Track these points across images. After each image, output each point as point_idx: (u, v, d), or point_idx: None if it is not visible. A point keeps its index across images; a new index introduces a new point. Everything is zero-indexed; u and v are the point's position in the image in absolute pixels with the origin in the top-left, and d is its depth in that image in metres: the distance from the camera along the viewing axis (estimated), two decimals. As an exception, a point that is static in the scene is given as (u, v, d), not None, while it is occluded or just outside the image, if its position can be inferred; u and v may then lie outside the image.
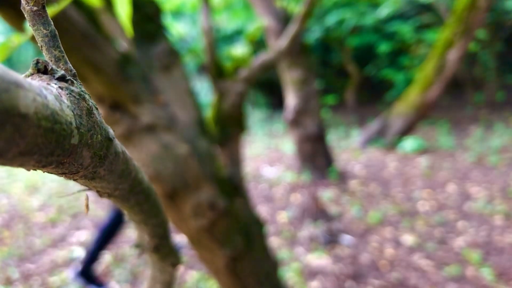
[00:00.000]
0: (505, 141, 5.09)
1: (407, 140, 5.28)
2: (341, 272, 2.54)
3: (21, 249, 3.13)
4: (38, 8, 0.26)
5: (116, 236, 2.72)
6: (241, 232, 1.51)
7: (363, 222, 3.25)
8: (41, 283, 2.65)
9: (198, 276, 2.61)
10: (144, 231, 0.49)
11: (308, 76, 4.33)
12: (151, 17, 1.48)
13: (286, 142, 6.23)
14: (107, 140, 0.28)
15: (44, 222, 3.67)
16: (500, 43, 7.18)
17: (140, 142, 1.30)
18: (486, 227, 2.99)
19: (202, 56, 4.36)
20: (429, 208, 3.44)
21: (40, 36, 0.27)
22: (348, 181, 4.26)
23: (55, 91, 0.23)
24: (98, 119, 0.27)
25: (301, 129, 4.38)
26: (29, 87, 0.20)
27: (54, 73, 0.26)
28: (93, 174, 0.28)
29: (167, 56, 1.45)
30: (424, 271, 2.50)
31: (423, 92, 5.03)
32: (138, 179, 0.36)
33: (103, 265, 2.84)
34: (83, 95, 0.26)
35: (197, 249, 1.52)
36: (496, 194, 3.55)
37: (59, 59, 0.28)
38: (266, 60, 1.88)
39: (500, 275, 2.37)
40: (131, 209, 0.40)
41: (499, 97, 7.32)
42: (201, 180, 1.38)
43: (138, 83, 1.26)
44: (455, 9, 4.76)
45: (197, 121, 1.46)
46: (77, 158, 0.24)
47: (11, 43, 0.48)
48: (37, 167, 0.23)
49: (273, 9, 4.11)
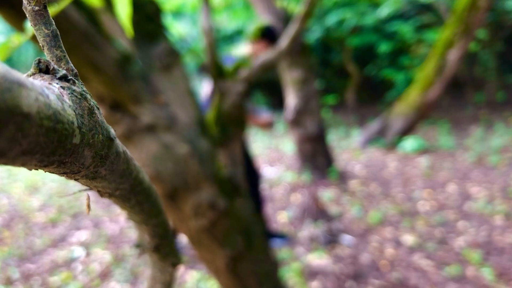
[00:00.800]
0: (506, 141, 5.09)
1: (407, 140, 5.28)
2: (341, 272, 2.54)
3: (21, 249, 3.13)
4: (39, 8, 0.26)
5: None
6: (242, 232, 1.51)
7: (363, 222, 3.25)
8: (41, 283, 2.65)
9: (198, 276, 2.61)
10: (144, 231, 0.49)
11: (308, 76, 4.33)
12: (151, 17, 1.48)
13: (286, 142, 6.23)
14: (109, 140, 0.28)
15: (45, 222, 3.67)
16: (500, 43, 7.18)
17: (140, 142, 1.30)
18: (487, 227, 2.99)
19: (202, 56, 4.35)
20: (429, 208, 3.44)
21: (41, 35, 0.27)
22: (348, 181, 4.26)
23: (57, 91, 0.24)
24: (99, 119, 0.27)
25: (301, 129, 4.38)
26: (32, 86, 0.20)
27: (56, 72, 0.26)
28: (94, 174, 0.28)
29: (167, 56, 1.45)
30: (424, 271, 2.50)
31: (424, 92, 5.03)
32: (139, 179, 0.36)
33: (103, 265, 2.84)
34: (84, 94, 0.26)
35: (197, 249, 1.53)
36: (496, 194, 3.55)
37: (60, 59, 0.28)
38: (267, 60, 1.88)
39: (501, 275, 2.37)
40: (132, 209, 0.40)
41: (499, 97, 7.32)
42: (201, 180, 1.38)
43: (139, 83, 1.26)
44: (455, 9, 4.76)
45: (197, 121, 1.47)
46: (79, 158, 0.24)
47: (12, 43, 0.48)
48: (39, 167, 0.23)
49: (273, 9, 4.11)
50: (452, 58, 4.73)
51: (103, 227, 3.50)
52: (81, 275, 2.73)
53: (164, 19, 1.60)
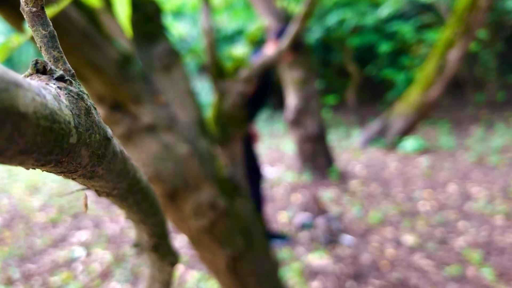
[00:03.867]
0: (506, 141, 5.09)
1: (407, 140, 5.28)
2: (341, 272, 2.54)
3: (22, 249, 3.14)
4: (37, 9, 0.27)
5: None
6: (242, 232, 1.51)
7: (363, 222, 3.25)
8: (42, 283, 2.65)
9: (198, 276, 2.61)
10: (142, 230, 0.49)
11: (308, 76, 4.34)
12: (151, 17, 1.48)
13: (286, 142, 6.23)
14: (105, 139, 0.28)
15: (45, 222, 3.68)
16: (501, 43, 7.17)
17: (140, 142, 1.30)
18: (487, 227, 2.99)
19: (203, 56, 4.36)
20: (429, 208, 3.44)
21: (39, 37, 0.27)
22: (348, 181, 4.26)
23: (54, 91, 0.24)
24: (96, 119, 0.27)
25: (301, 129, 4.39)
26: (28, 87, 0.20)
27: (53, 73, 0.26)
28: (91, 173, 0.28)
29: (167, 56, 1.46)
30: (424, 271, 2.50)
31: (424, 92, 5.03)
32: (137, 178, 0.37)
33: (103, 265, 2.85)
34: (81, 95, 0.26)
35: (198, 249, 1.53)
36: (497, 194, 3.55)
37: (57, 60, 0.28)
38: (267, 60, 1.88)
39: (501, 275, 2.37)
40: (130, 208, 0.41)
41: (500, 97, 7.31)
42: (201, 180, 1.38)
43: (139, 83, 1.26)
44: (456, 9, 4.76)
45: (197, 121, 1.47)
46: (76, 157, 0.25)
47: (11, 44, 0.49)
48: (36, 166, 0.23)
49: (273, 9, 4.11)
50: (452, 58, 4.73)
51: (103, 227, 3.50)
52: (81, 275, 2.74)
53: (164, 19, 1.60)
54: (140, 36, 1.41)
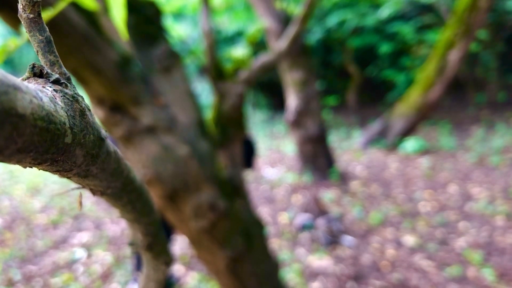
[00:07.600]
0: (507, 142, 5.09)
1: (408, 141, 5.28)
2: (342, 273, 2.55)
3: (23, 250, 3.15)
4: (34, 16, 0.28)
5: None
6: (242, 233, 1.52)
7: (364, 223, 3.26)
8: (43, 284, 2.67)
9: (199, 277, 2.62)
10: (137, 230, 0.50)
11: (309, 77, 4.35)
12: (151, 19, 1.49)
13: (287, 143, 6.24)
14: (99, 139, 0.29)
15: (46, 224, 3.69)
16: (501, 43, 7.18)
17: (140, 143, 1.31)
18: (488, 228, 2.99)
19: (203, 58, 4.37)
20: (430, 209, 3.44)
21: (36, 41, 0.29)
22: (349, 182, 4.26)
23: (50, 94, 0.25)
24: (90, 120, 0.28)
25: (302, 130, 4.39)
26: (26, 89, 0.21)
27: (49, 76, 0.27)
28: (86, 172, 0.29)
29: (167, 58, 1.47)
30: (425, 272, 2.50)
31: (424, 92, 5.03)
32: (130, 177, 0.38)
33: (104, 266, 2.85)
34: (76, 97, 0.27)
35: (198, 250, 1.53)
36: (497, 194, 3.55)
37: (54, 63, 0.29)
38: (267, 61, 1.89)
39: (501, 276, 2.37)
40: (124, 207, 0.41)
41: (500, 98, 7.31)
42: (201, 181, 1.39)
43: (138, 85, 1.27)
44: (456, 9, 4.76)
45: (197, 122, 1.48)
46: (71, 157, 0.26)
47: (8, 47, 0.50)
48: (33, 164, 0.24)
49: (273, 11, 4.12)
50: (453, 58, 4.74)
51: (104, 229, 3.51)
52: (82, 276, 2.74)
53: (164, 21, 1.61)
54: (140, 38, 1.42)
